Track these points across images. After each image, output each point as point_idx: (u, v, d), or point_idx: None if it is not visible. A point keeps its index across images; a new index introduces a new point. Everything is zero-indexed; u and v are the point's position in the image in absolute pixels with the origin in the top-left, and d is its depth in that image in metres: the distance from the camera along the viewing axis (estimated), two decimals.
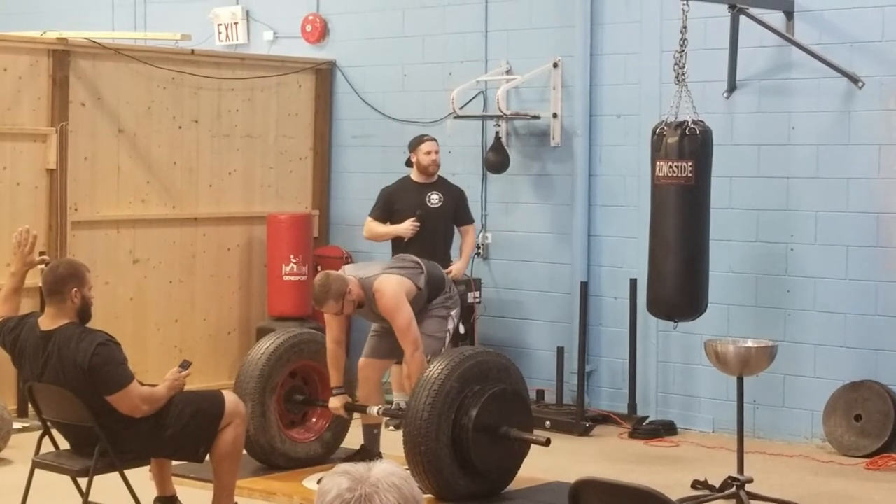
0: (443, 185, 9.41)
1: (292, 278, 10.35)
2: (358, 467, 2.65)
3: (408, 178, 9.41)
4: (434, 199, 9.29)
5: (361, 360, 7.86)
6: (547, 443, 7.23)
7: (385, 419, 7.97)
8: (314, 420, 8.03)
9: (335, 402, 7.65)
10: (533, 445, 7.28)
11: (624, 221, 9.55)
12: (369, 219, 9.39)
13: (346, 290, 7.37)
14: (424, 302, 7.67)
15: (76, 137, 9.60)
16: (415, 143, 9.39)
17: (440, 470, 7.04)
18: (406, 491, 2.61)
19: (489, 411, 7.11)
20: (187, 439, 6.21)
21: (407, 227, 9.18)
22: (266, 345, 7.84)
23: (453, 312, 7.80)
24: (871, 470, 8.21)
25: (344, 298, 7.36)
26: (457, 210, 9.39)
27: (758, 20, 8.69)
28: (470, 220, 9.48)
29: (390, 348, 7.79)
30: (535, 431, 7.49)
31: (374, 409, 7.65)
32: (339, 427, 8.03)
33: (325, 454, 7.97)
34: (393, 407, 7.92)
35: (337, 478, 2.63)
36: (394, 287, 7.48)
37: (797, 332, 8.81)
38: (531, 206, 10.06)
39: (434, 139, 9.42)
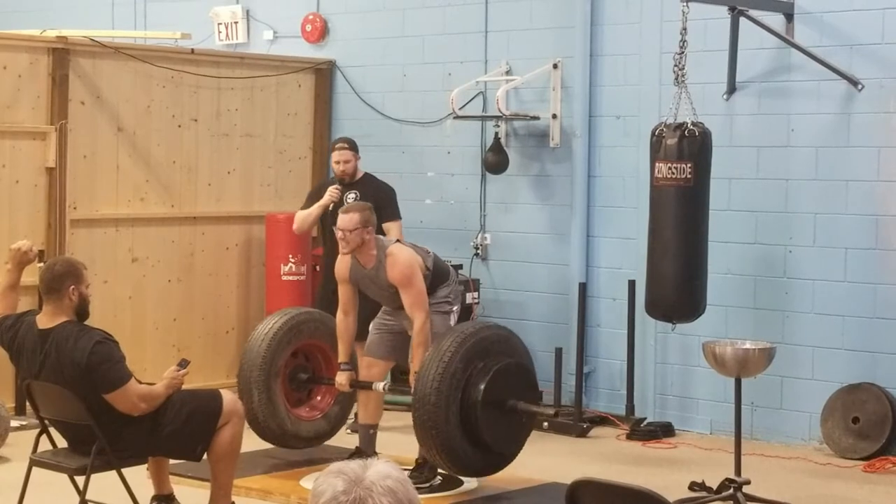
0: (366, 183, 9.04)
1: (291, 278, 10.34)
2: (353, 466, 2.60)
3: None
4: (350, 198, 8.87)
5: (363, 360, 7.86)
6: (555, 415, 7.25)
7: (379, 418, 7.99)
8: (319, 398, 8.13)
9: (341, 378, 7.66)
10: (534, 431, 7.34)
11: (623, 223, 9.55)
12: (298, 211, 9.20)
13: (371, 224, 7.42)
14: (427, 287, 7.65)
15: (75, 136, 9.59)
16: (330, 148, 9.36)
17: (454, 451, 7.09)
18: (402, 495, 2.56)
19: (495, 388, 7.13)
20: (185, 438, 6.21)
21: (330, 194, 8.82)
22: (265, 329, 7.88)
23: (455, 308, 7.78)
24: (868, 472, 8.20)
25: (365, 228, 7.37)
26: (376, 206, 9.01)
27: (758, 22, 8.69)
28: (390, 217, 8.80)
29: (390, 348, 7.78)
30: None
31: (379, 385, 7.65)
32: (346, 401, 8.14)
33: (333, 429, 8.12)
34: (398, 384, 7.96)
35: (332, 479, 2.58)
36: (407, 256, 7.49)
37: (795, 334, 8.80)
38: (530, 207, 10.06)
39: (347, 147, 8.99)
